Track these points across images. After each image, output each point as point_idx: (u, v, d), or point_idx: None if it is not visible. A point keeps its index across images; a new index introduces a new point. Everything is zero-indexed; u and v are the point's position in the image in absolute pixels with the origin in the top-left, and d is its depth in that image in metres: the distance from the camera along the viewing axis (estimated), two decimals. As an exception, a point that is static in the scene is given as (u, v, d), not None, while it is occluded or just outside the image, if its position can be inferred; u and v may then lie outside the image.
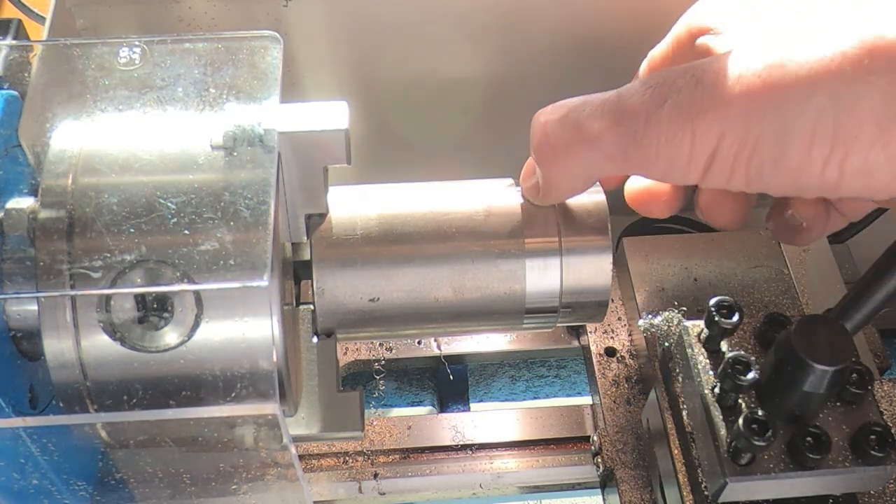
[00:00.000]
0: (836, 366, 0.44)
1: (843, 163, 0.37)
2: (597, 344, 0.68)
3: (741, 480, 0.47)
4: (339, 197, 0.47)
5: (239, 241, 0.37)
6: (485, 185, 0.49)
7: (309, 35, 0.65)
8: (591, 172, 0.43)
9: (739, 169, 0.39)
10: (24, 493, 0.41)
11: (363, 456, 0.67)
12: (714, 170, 0.39)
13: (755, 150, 0.38)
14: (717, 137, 0.38)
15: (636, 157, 0.40)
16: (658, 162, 0.40)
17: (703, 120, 0.38)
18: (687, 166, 0.40)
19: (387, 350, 0.72)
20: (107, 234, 0.37)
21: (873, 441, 0.47)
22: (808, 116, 0.36)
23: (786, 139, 0.37)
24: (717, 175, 0.40)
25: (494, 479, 0.67)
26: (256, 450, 0.41)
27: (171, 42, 0.43)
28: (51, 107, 0.41)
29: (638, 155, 0.40)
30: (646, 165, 0.41)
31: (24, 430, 0.38)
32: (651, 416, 0.59)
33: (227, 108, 0.41)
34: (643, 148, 0.40)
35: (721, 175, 0.39)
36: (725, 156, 0.38)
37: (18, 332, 0.40)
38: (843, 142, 0.36)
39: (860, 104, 0.35)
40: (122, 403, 0.39)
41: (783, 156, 0.37)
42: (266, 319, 0.38)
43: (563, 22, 0.64)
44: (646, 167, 0.41)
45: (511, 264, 0.46)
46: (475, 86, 0.70)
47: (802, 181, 0.38)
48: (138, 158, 0.39)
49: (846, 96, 0.36)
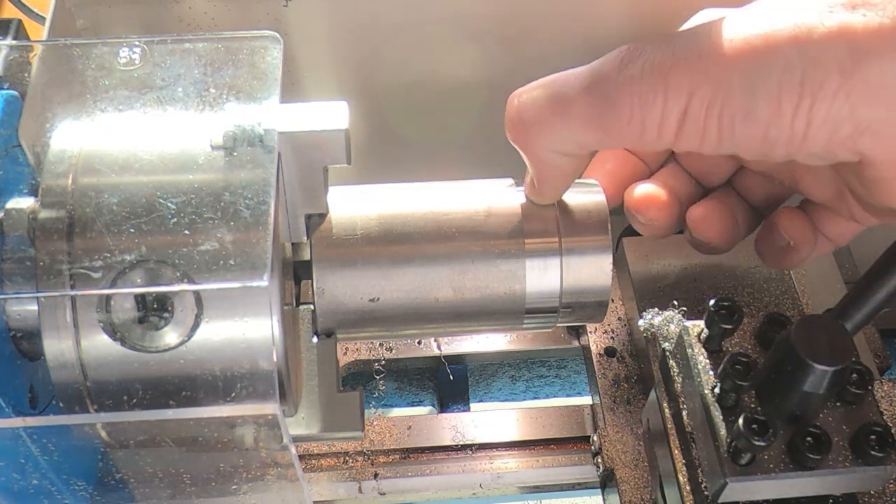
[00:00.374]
0: (836, 366, 0.44)
1: (810, 111, 0.37)
2: (597, 344, 0.68)
3: (741, 480, 0.47)
4: (339, 197, 0.47)
5: (239, 241, 0.37)
6: (485, 185, 0.49)
7: (309, 35, 0.65)
8: (568, 145, 0.43)
9: (711, 125, 0.39)
10: (24, 493, 0.41)
11: (363, 456, 0.67)
12: (687, 129, 0.40)
13: (726, 103, 0.38)
14: (688, 94, 0.39)
15: (610, 121, 0.41)
16: (631, 124, 0.40)
17: (674, 76, 0.39)
18: (660, 127, 0.40)
19: (387, 350, 0.72)
20: (107, 234, 0.37)
21: (873, 441, 0.47)
22: (776, 66, 0.37)
23: (755, 90, 0.38)
24: (691, 134, 0.40)
25: (494, 479, 0.67)
26: (256, 450, 0.41)
27: (171, 42, 0.43)
28: (51, 107, 0.41)
29: (611, 117, 0.40)
30: (620, 130, 0.41)
31: (24, 430, 0.38)
32: (651, 416, 0.59)
33: (227, 108, 0.41)
34: (616, 109, 0.40)
35: (694, 133, 0.40)
36: (697, 111, 0.39)
37: (18, 332, 0.40)
38: (809, 90, 0.37)
39: (825, 54, 0.36)
40: (122, 403, 0.39)
41: (753, 107, 0.38)
42: (266, 319, 0.38)
43: (563, 23, 0.64)
44: (620, 132, 0.41)
45: (511, 264, 0.46)
46: (475, 86, 0.70)
47: (772, 133, 0.39)
48: (138, 158, 0.39)
49: (812, 48, 0.37)
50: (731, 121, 0.39)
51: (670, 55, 0.39)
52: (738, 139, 0.40)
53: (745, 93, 0.38)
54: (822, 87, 0.37)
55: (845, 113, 0.37)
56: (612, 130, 0.41)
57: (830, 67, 0.37)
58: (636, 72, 0.39)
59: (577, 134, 0.42)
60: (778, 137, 0.39)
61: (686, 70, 0.39)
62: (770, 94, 0.38)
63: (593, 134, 0.41)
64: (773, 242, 0.51)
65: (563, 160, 0.44)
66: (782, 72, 0.37)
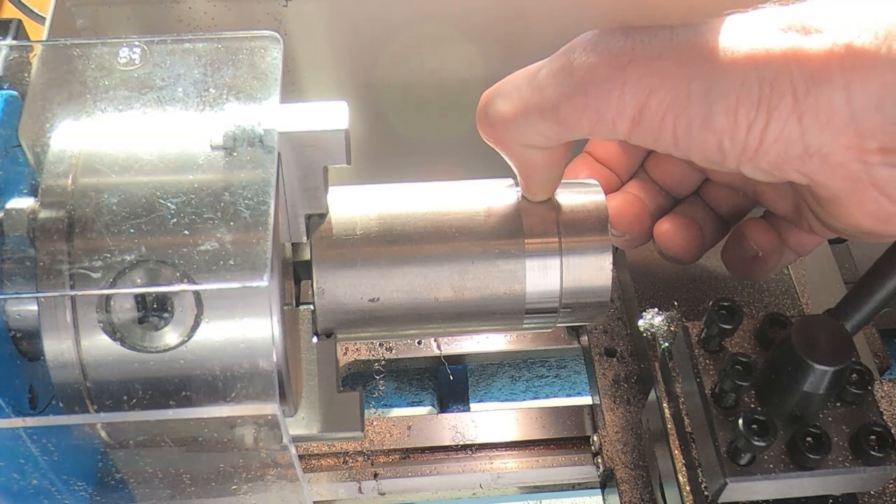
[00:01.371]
0: (836, 366, 0.44)
1: (765, 129, 0.39)
2: (597, 344, 0.68)
3: (741, 481, 0.47)
4: (339, 197, 0.47)
5: (239, 241, 0.37)
6: (485, 185, 0.49)
7: (309, 35, 0.65)
8: (533, 137, 0.43)
9: (667, 125, 0.40)
10: (24, 493, 0.41)
11: (363, 456, 0.67)
12: (643, 125, 0.40)
13: (685, 107, 0.39)
14: (647, 91, 0.39)
15: (566, 109, 0.41)
16: (586, 112, 0.41)
17: (632, 70, 0.39)
18: (615, 118, 0.40)
19: (387, 350, 0.72)
20: (107, 234, 0.37)
21: (873, 441, 0.47)
22: (733, 81, 0.38)
23: (714, 100, 0.39)
24: (646, 130, 0.41)
25: (494, 479, 0.67)
26: (256, 450, 0.41)
27: (171, 42, 0.43)
28: (51, 107, 0.41)
29: (567, 106, 0.41)
30: (576, 118, 0.41)
31: (24, 430, 0.38)
32: (651, 416, 0.59)
33: (227, 109, 0.41)
34: (571, 98, 0.41)
35: (650, 130, 0.41)
36: (654, 111, 0.40)
37: (18, 332, 0.40)
38: (765, 109, 0.38)
39: (780, 76, 0.38)
40: (122, 403, 0.39)
41: (711, 116, 0.39)
42: (266, 319, 0.38)
43: (563, 22, 0.64)
44: (576, 120, 0.41)
45: (511, 264, 0.46)
46: (475, 86, 0.69)
47: (726, 144, 0.40)
48: (138, 159, 0.39)
49: (768, 69, 0.38)
50: (689, 126, 0.40)
51: (629, 48, 0.40)
52: (693, 144, 0.40)
53: (703, 101, 0.39)
54: (777, 108, 0.38)
55: (796, 135, 0.38)
56: (567, 119, 0.41)
57: (785, 90, 0.38)
58: (594, 60, 0.40)
59: (536, 125, 0.42)
60: (731, 149, 0.40)
61: (644, 67, 0.39)
62: (729, 107, 0.39)
63: (550, 124, 0.42)
64: (741, 253, 0.52)
65: (535, 153, 0.44)
66: (740, 87, 0.38)
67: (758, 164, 0.40)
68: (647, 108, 0.40)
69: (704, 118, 0.39)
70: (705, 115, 0.39)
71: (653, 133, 0.40)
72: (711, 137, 0.40)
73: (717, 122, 0.39)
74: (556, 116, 0.41)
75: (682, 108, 0.39)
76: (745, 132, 0.39)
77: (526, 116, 0.42)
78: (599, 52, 0.40)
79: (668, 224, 0.52)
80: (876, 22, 0.37)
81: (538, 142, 0.43)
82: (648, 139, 0.41)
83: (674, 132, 0.40)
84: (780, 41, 0.38)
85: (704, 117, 0.39)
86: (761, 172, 0.41)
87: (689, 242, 0.52)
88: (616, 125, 0.41)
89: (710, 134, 0.40)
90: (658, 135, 0.40)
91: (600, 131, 0.41)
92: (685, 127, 0.40)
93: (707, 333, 0.51)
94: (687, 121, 0.39)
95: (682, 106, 0.39)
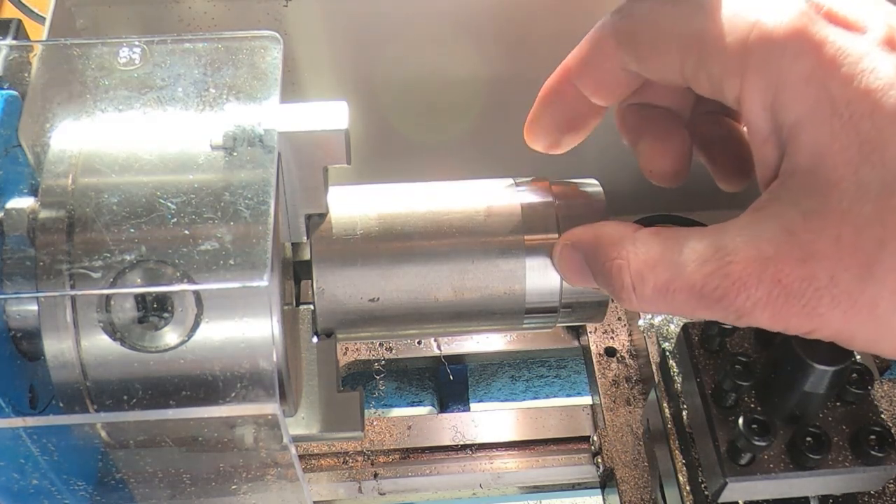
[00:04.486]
0: (836, 366, 0.44)
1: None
2: (597, 344, 0.68)
3: (741, 480, 0.47)
4: (339, 197, 0.47)
5: (239, 241, 0.37)
6: (485, 185, 0.49)
7: (309, 35, 0.65)
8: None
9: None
10: (24, 493, 0.41)
11: (363, 456, 0.67)
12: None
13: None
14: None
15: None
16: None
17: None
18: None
19: (387, 350, 0.72)
20: (107, 234, 0.37)
21: (873, 441, 0.47)
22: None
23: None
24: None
25: (494, 479, 0.67)
26: (256, 450, 0.41)
27: (171, 42, 0.43)
28: (51, 107, 0.41)
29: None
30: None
31: (24, 430, 0.38)
32: (651, 416, 0.59)
33: (227, 109, 0.41)
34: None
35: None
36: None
37: (18, 332, 0.40)
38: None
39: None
40: (122, 403, 0.39)
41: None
42: (266, 319, 0.38)
43: (563, 21, 0.64)
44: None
45: (511, 264, 0.46)
46: (475, 86, 0.70)
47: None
48: (138, 158, 0.39)
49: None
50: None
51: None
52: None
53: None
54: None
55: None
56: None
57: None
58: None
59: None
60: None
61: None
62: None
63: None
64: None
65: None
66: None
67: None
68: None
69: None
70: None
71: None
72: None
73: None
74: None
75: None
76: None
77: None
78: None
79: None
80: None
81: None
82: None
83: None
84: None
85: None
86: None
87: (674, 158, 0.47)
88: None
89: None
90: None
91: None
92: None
93: (707, 333, 0.51)
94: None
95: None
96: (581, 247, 0.43)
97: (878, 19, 0.35)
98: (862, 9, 0.35)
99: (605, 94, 0.44)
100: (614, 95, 0.45)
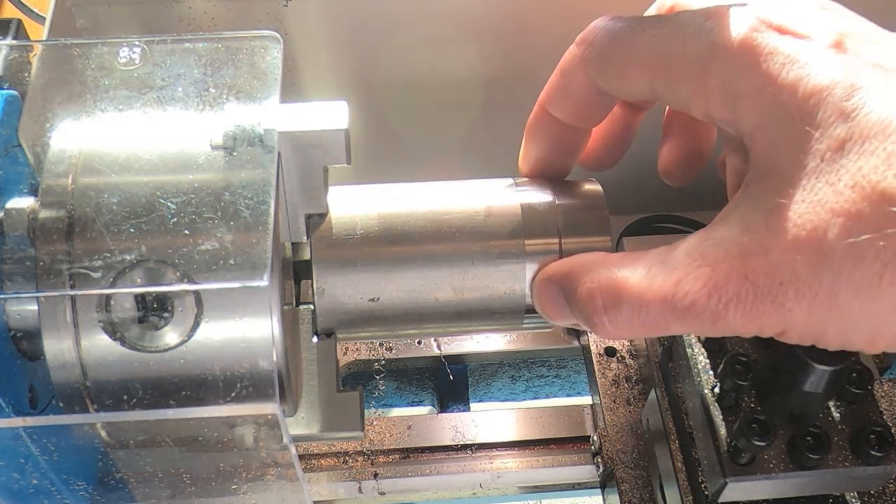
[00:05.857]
0: (836, 366, 0.44)
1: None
2: (597, 344, 0.68)
3: (741, 480, 0.47)
4: (339, 197, 0.47)
5: (239, 241, 0.37)
6: (485, 185, 0.49)
7: (309, 35, 0.65)
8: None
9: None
10: (24, 493, 0.41)
11: (363, 456, 0.67)
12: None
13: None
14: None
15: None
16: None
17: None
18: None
19: (387, 350, 0.72)
20: (107, 233, 0.37)
21: (873, 441, 0.47)
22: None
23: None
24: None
25: (494, 479, 0.67)
26: (256, 450, 0.41)
27: (171, 42, 0.43)
28: (51, 107, 0.41)
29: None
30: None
31: (24, 430, 0.38)
32: (651, 416, 0.59)
33: (227, 108, 0.41)
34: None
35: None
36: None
37: (18, 332, 0.40)
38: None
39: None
40: (122, 403, 0.39)
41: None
42: (266, 319, 0.38)
43: (563, 21, 0.64)
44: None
45: (511, 264, 0.46)
46: (475, 85, 0.70)
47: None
48: (138, 158, 0.39)
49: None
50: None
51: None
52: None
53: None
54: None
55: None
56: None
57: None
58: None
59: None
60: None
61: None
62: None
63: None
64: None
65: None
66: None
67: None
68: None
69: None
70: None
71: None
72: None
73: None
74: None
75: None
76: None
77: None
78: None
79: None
80: None
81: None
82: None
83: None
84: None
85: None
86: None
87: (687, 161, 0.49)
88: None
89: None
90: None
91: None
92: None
93: (707, 333, 0.51)
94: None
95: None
96: (557, 279, 0.43)
97: (825, 25, 0.36)
98: (809, 17, 0.37)
99: (582, 118, 0.46)
100: (592, 118, 0.46)
